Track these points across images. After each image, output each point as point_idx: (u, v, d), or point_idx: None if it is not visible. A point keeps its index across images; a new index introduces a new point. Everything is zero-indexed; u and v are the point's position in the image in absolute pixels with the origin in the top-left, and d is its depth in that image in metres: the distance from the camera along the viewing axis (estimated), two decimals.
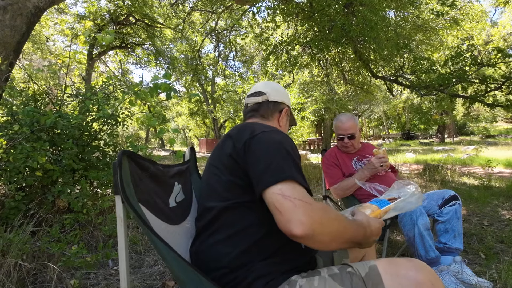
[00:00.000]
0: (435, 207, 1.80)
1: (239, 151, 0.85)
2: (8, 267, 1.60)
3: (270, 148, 0.80)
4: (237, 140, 0.87)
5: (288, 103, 1.18)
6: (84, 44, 7.65)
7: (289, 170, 0.74)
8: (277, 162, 0.76)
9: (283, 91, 1.19)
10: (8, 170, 2.06)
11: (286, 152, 0.80)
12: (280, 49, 6.36)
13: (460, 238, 1.73)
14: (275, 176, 0.72)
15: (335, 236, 0.71)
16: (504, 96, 5.09)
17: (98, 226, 2.39)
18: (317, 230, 0.66)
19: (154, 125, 2.57)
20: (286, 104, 1.17)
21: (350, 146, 2.09)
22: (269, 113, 1.13)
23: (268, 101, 1.13)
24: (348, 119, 2.08)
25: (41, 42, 10.51)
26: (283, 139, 0.85)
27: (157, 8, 10.59)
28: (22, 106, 2.42)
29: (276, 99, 1.15)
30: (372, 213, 0.90)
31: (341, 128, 2.08)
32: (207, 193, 0.93)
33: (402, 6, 5.85)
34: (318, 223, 0.67)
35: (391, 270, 0.72)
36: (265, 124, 1.00)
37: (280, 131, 0.91)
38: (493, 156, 8.21)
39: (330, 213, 0.72)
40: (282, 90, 1.20)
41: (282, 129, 1.14)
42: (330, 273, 0.77)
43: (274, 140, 0.83)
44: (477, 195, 3.69)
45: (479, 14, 10.86)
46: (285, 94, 1.19)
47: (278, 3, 6.05)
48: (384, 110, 27.60)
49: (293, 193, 0.69)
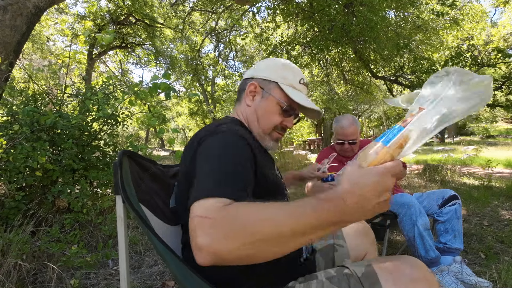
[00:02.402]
0: (435, 207, 1.80)
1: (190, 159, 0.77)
2: (8, 267, 1.60)
3: (201, 160, 0.70)
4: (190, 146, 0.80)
5: (262, 75, 0.94)
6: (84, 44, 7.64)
7: (208, 185, 0.61)
8: (200, 178, 0.65)
9: (262, 64, 0.98)
10: (8, 170, 2.06)
11: (213, 160, 0.68)
12: (280, 49, 6.36)
13: (460, 238, 1.73)
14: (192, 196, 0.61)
15: (261, 242, 0.51)
16: (504, 96, 5.09)
17: (98, 226, 2.39)
18: (221, 249, 0.50)
19: (154, 125, 2.57)
20: (259, 77, 0.95)
21: (350, 151, 2.01)
22: (238, 94, 0.99)
23: (241, 80, 1.00)
24: (350, 124, 1.94)
25: (41, 42, 10.51)
26: (215, 142, 0.73)
27: (157, 8, 10.59)
28: (22, 106, 2.42)
29: (246, 74, 0.99)
30: (376, 159, 0.57)
31: (343, 134, 1.96)
32: None
33: (402, 6, 5.85)
34: (218, 242, 0.50)
35: (387, 268, 0.72)
36: (223, 123, 0.86)
37: (219, 128, 0.79)
38: (493, 156, 8.21)
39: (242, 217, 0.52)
40: (262, 63, 0.99)
41: (253, 110, 0.94)
42: (327, 276, 0.77)
43: (206, 147, 0.73)
44: (477, 195, 3.69)
45: (479, 14, 10.86)
46: (261, 67, 0.97)
47: (278, 3, 6.05)
48: (384, 110, 27.60)
49: (197, 210, 0.56)
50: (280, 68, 0.95)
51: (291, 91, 0.92)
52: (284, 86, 0.92)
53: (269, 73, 0.94)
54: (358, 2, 4.96)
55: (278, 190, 0.90)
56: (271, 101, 0.93)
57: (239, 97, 0.98)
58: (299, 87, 0.95)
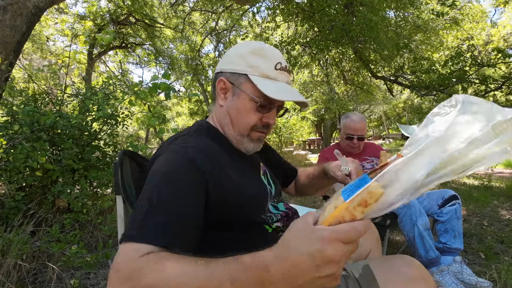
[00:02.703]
0: (435, 207, 1.80)
1: None
2: (8, 267, 1.60)
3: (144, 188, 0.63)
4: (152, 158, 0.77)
5: (231, 68, 0.80)
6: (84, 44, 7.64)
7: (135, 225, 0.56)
8: (134, 212, 0.60)
9: (230, 53, 0.83)
10: (8, 170, 2.06)
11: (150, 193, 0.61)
12: (280, 49, 6.36)
13: (460, 238, 1.73)
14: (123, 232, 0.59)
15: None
16: (504, 96, 5.09)
17: (98, 226, 2.39)
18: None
19: (154, 125, 2.57)
20: (228, 71, 0.80)
21: (357, 148, 2.06)
22: (212, 93, 0.86)
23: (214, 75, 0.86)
24: (361, 120, 2.02)
25: (41, 42, 10.50)
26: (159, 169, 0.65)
27: (157, 8, 10.59)
28: (22, 106, 2.42)
29: (216, 69, 0.85)
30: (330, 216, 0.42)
31: (353, 128, 2.01)
32: None
33: (402, 6, 5.85)
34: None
35: (384, 268, 0.73)
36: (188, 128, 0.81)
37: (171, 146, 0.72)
38: None
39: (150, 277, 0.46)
40: (231, 51, 0.84)
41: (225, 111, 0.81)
42: None
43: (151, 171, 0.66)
44: (477, 195, 3.69)
45: (479, 14, 10.86)
46: (229, 57, 0.82)
47: (278, 3, 6.05)
48: (384, 110, 27.59)
49: (117, 254, 0.53)
50: (248, 56, 0.78)
51: (264, 82, 0.76)
52: (255, 77, 0.77)
53: (237, 63, 0.79)
54: (358, 2, 4.96)
55: (256, 205, 0.78)
56: (243, 99, 0.79)
57: (214, 95, 0.86)
58: (275, 75, 0.79)
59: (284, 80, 0.81)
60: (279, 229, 0.80)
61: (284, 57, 0.84)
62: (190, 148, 0.70)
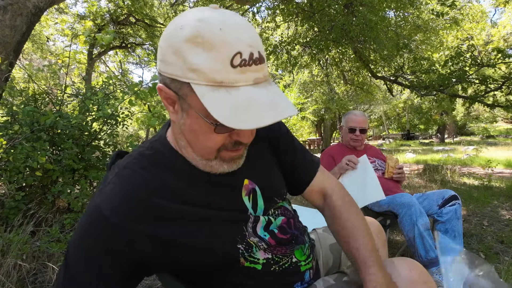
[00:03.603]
0: (435, 207, 1.80)
1: None
2: (8, 267, 1.59)
3: None
4: None
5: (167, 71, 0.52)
6: (84, 44, 7.65)
7: None
8: None
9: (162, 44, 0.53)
10: (8, 170, 2.06)
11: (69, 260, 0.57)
12: (280, 49, 6.36)
13: (460, 238, 1.73)
14: None
15: None
16: (504, 97, 5.09)
17: None
18: None
19: (154, 125, 2.57)
20: (167, 76, 0.53)
21: (360, 140, 2.12)
22: None
23: None
24: (362, 114, 2.17)
25: (41, 42, 10.51)
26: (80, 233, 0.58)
27: (157, 8, 10.60)
28: (22, 106, 2.42)
29: (159, 68, 0.55)
30: None
31: (355, 121, 2.12)
32: None
33: (402, 6, 5.85)
34: None
35: None
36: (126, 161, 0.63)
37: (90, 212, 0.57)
38: (493, 156, 8.21)
39: None
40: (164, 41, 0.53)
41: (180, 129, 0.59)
42: (326, 285, 0.75)
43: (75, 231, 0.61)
44: (477, 195, 3.69)
45: (479, 14, 10.87)
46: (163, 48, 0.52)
47: (278, 3, 6.05)
48: (384, 110, 27.60)
49: None
50: (185, 49, 0.49)
51: (213, 97, 0.48)
52: (200, 88, 0.48)
53: (174, 64, 0.50)
54: (358, 2, 4.96)
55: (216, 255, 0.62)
56: (195, 118, 0.54)
57: None
58: (233, 77, 0.48)
59: (250, 81, 0.50)
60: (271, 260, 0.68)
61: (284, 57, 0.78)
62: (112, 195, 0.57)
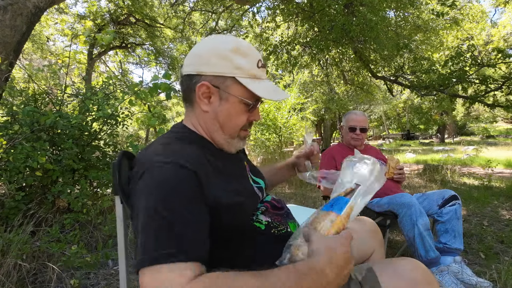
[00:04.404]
0: (435, 207, 1.80)
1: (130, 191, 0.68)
2: (8, 267, 1.60)
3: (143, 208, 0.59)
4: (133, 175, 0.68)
5: (214, 71, 0.73)
6: (84, 44, 7.63)
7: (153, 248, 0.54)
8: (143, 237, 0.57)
9: (204, 53, 0.75)
10: (8, 170, 2.06)
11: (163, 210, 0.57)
12: (280, 49, 6.36)
13: (460, 238, 1.73)
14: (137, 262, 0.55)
15: None
16: (504, 97, 5.09)
17: (98, 226, 2.39)
18: None
19: (154, 125, 2.57)
20: (210, 74, 0.73)
21: (360, 139, 2.13)
22: (186, 97, 0.79)
23: (184, 76, 0.77)
24: (362, 114, 2.20)
25: (41, 42, 10.50)
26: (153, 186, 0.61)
27: (157, 8, 10.59)
28: (22, 106, 2.42)
29: (188, 70, 0.76)
30: (332, 227, 0.62)
31: (355, 120, 2.14)
32: None
33: (402, 6, 5.85)
34: None
35: (388, 271, 0.72)
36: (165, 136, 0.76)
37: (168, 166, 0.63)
38: (493, 156, 8.21)
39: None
40: (204, 51, 0.75)
41: (214, 117, 0.77)
42: None
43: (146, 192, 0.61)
44: (477, 195, 3.69)
45: (479, 14, 10.86)
46: (206, 58, 0.74)
47: (278, 3, 6.05)
48: (384, 110, 27.60)
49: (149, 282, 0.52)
50: (231, 56, 0.73)
51: (254, 84, 0.74)
52: (244, 80, 0.74)
53: (220, 65, 0.73)
54: (358, 2, 4.96)
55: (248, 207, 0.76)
56: (233, 102, 0.75)
57: (189, 99, 0.79)
58: (259, 73, 0.76)
59: (266, 77, 0.80)
60: (271, 224, 0.77)
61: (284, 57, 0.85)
62: (178, 155, 0.66)
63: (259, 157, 7.22)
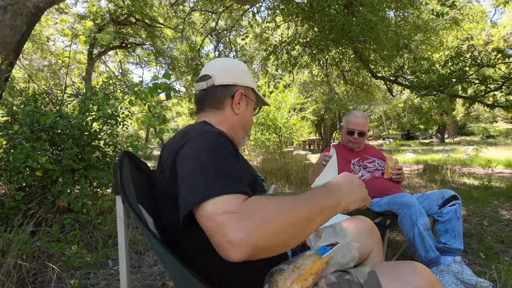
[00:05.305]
0: (435, 207, 1.80)
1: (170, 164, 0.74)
2: (8, 267, 1.60)
3: (194, 160, 0.67)
4: (169, 151, 0.77)
5: (245, 82, 0.98)
6: (84, 44, 7.63)
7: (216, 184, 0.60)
8: (203, 177, 0.62)
9: (235, 70, 0.98)
10: (8, 170, 2.06)
11: (216, 159, 0.66)
12: (280, 49, 6.36)
13: (460, 238, 1.73)
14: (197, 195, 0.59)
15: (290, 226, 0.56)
16: (504, 97, 5.09)
17: (98, 226, 2.39)
18: (259, 239, 0.52)
19: (154, 125, 2.57)
20: (242, 85, 0.97)
21: (358, 143, 2.09)
22: (218, 102, 0.95)
23: (214, 86, 0.94)
24: (363, 116, 2.11)
25: (41, 42, 10.50)
26: (215, 143, 0.71)
27: (157, 8, 10.59)
28: (22, 106, 2.42)
29: (224, 81, 0.95)
30: (313, 265, 0.73)
31: (354, 123, 2.08)
32: None
33: (402, 6, 5.85)
34: (254, 233, 0.51)
35: (391, 275, 0.71)
36: (206, 125, 0.87)
37: (216, 132, 0.77)
38: (493, 156, 8.21)
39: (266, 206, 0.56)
40: (234, 68, 0.98)
41: (241, 118, 0.98)
42: (327, 282, 0.74)
43: (196, 148, 0.70)
44: (477, 195, 3.69)
45: (479, 14, 10.86)
46: (238, 73, 0.98)
47: (278, 3, 6.05)
48: (384, 110, 27.60)
49: (215, 208, 0.55)
50: (248, 73, 1.02)
51: (260, 94, 1.05)
52: (256, 90, 1.04)
53: (245, 78, 0.99)
54: (358, 2, 4.96)
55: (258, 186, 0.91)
56: (251, 107, 1.02)
57: (220, 103, 0.94)
58: None
59: None
60: None
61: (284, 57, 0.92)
62: (218, 129, 0.82)
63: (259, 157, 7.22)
